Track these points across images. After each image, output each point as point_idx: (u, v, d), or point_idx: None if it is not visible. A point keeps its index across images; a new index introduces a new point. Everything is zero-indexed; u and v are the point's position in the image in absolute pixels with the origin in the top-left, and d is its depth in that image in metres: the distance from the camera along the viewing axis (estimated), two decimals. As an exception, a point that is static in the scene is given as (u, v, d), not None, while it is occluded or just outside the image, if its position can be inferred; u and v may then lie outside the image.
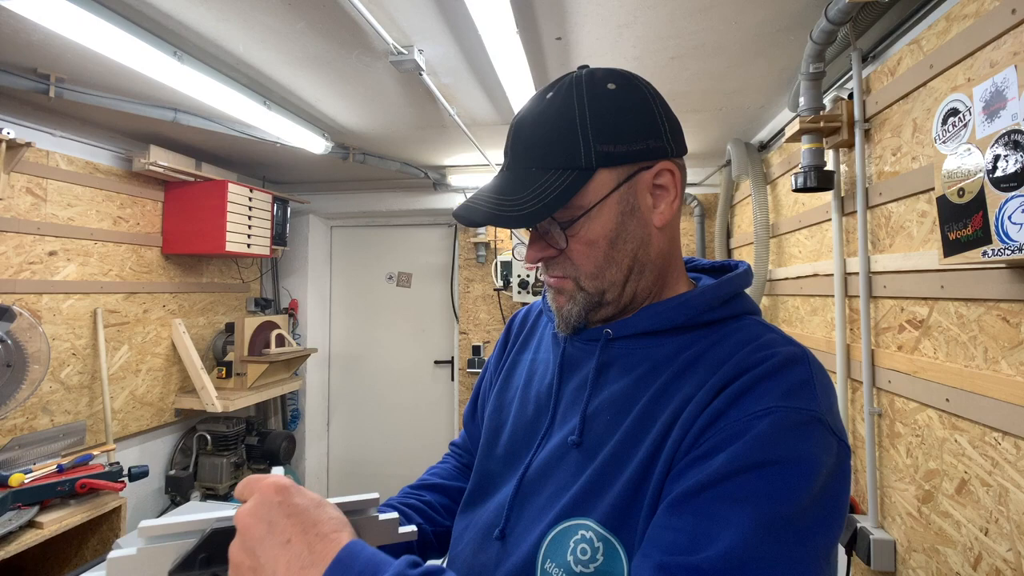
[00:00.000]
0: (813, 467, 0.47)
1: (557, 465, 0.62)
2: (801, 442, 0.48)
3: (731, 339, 0.58)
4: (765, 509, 0.45)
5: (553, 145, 0.59)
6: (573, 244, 0.60)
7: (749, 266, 0.67)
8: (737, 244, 2.82)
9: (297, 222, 3.54)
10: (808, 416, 0.50)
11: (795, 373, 0.53)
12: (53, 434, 2.02)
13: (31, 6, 1.29)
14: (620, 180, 0.59)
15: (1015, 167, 0.86)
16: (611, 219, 0.60)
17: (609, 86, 0.61)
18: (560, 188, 0.57)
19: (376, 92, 1.99)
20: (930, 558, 1.23)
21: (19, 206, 2.05)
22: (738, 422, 0.50)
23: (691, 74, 1.84)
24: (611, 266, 0.61)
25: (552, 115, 0.59)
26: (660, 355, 0.60)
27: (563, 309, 0.64)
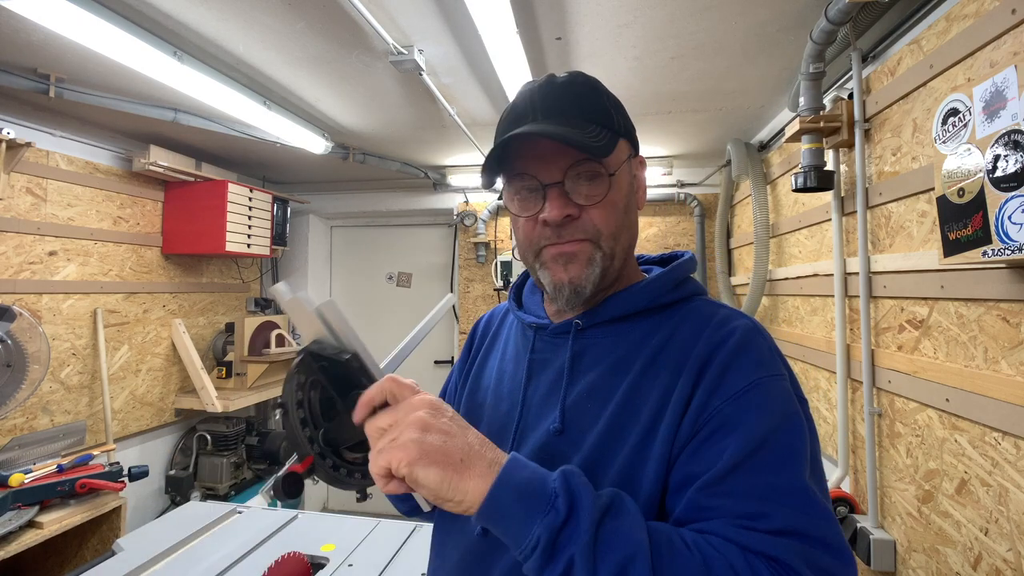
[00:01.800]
0: (801, 422, 0.57)
1: (543, 452, 0.63)
2: (787, 403, 0.57)
3: (691, 320, 0.64)
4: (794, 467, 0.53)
5: (594, 105, 0.63)
6: (599, 206, 0.62)
7: (692, 254, 0.72)
8: (737, 244, 2.82)
9: (297, 222, 3.54)
10: (782, 381, 0.58)
11: (758, 344, 0.60)
12: (53, 434, 2.02)
13: (31, 6, 1.29)
14: (629, 154, 0.66)
15: (1015, 167, 0.86)
16: (625, 186, 0.65)
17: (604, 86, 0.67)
18: (605, 140, 0.61)
19: (376, 92, 1.99)
20: (930, 558, 1.23)
21: (19, 206, 2.05)
22: (733, 398, 0.56)
23: (691, 74, 1.84)
24: (624, 231, 0.65)
25: (582, 85, 0.64)
26: (629, 341, 0.64)
27: (578, 279, 0.63)
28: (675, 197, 3.11)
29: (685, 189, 3.11)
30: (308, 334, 0.62)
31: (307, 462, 0.60)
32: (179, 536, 1.41)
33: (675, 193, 3.11)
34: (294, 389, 0.60)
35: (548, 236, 0.64)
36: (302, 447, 0.59)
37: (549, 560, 0.46)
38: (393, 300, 3.73)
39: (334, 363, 0.59)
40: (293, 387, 0.60)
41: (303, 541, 1.38)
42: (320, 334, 0.61)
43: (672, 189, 3.12)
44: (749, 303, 2.35)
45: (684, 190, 3.11)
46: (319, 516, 1.56)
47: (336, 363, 0.59)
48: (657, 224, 3.19)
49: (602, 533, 0.47)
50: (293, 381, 0.60)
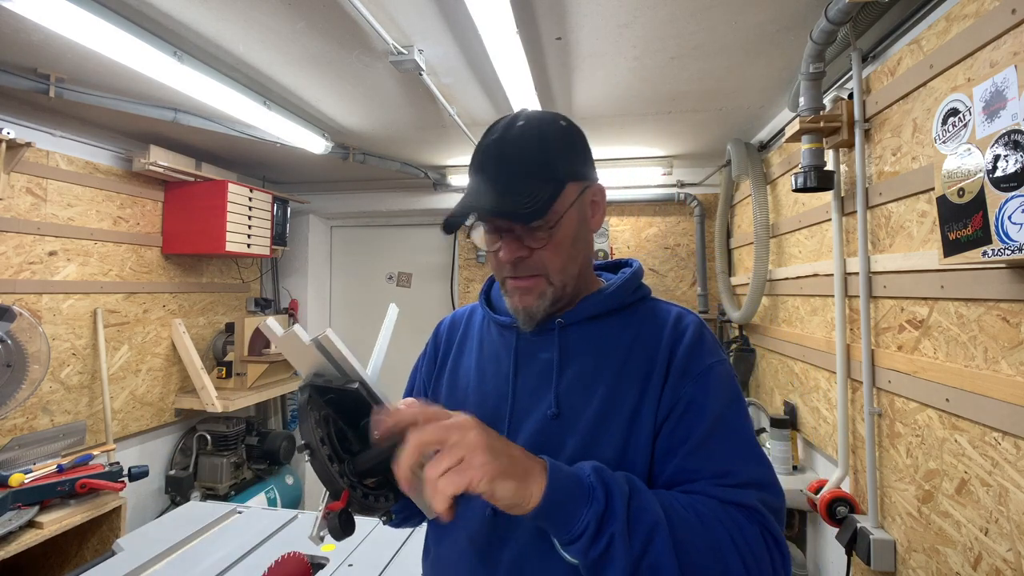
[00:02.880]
0: (739, 390, 0.74)
1: (540, 438, 0.72)
2: (732, 382, 0.73)
3: (652, 318, 0.77)
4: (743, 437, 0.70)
5: (538, 160, 0.71)
6: (548, 246, 0.72)
7: (639, 263, 0.85)
8: (737, 244, 2.82)
9: (297, 222, 3.54)
10: (726, 364, 0.74)
11: (705, 335, 0.75)
12: (53, 434, 2.02)
13: (31, 6, 1.29)
14: (578, 193, 0.74)
15: (1015, 167, 0.86)
16: (574, 224, 0.74)
17: (561, 122, 0.76)
18: (547, 194, 0.69)
19: (376, 92, 1.99)
20: (930, 558, 1.23)
21: (19, 206, 2.05)
22: (697, 377, 0.71)
23: (691, 74, 1.84)
24: (571, 263, 0.75)
25: (532, 137, 0.72)
26: (606, 335, 0.77)
27: (531, 307, 0.75)
28: (675, 197, 3.11)
29: (685, 189, 3.11)
30: (306, 366, 0.61)
31: (344, 496, 0.60)
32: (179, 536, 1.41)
33: (675, 193, 3.11)
34: (313, 427, 0.60)
35: (507, 270, 0.75)
36: (336, 483, 0.60)
37: (595, 540, 0.57)
38: (393, 300, 3.72)
39: (343, 394, 0.59)
40: (311, 426, 0.60)
41: (303, 541, 1.38)
42: (319, 365, 0.60)
43: (672, 189, 3.12)
44: (749, 303, 2.35)
45: (684, 190, 3.11)
46: (319, 516, 1.56)
47: (345, 394, 0.59)
48: (657, 224, 3.19)
49: (632, 511, 0.58)
50: (310, 420, 0.60)
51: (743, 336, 2.68)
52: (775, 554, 0.63)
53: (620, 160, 3.00)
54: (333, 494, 0.61)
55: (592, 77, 1.86)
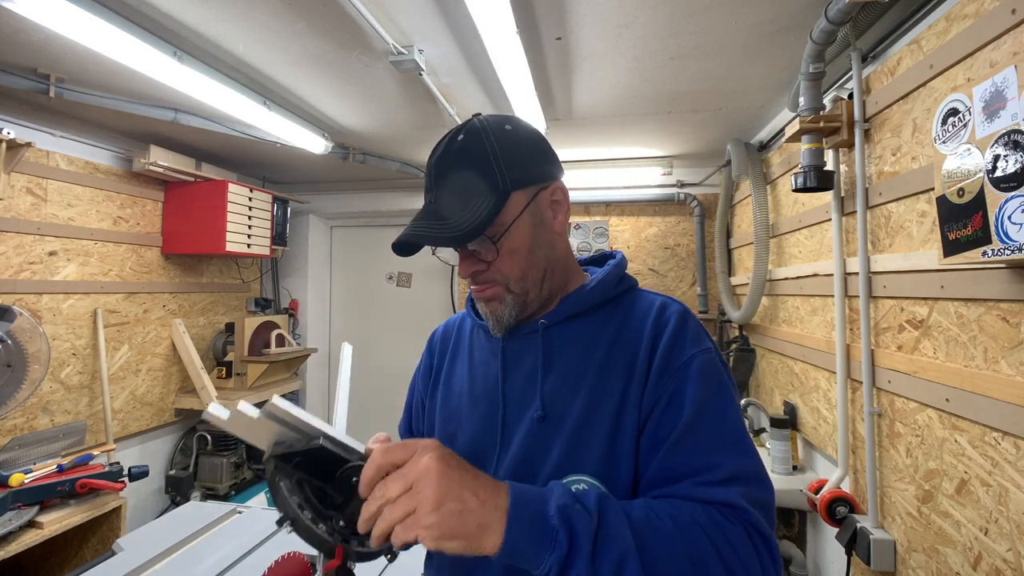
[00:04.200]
0: (729, 384, 0.72)
1: (530, 441, 0.73)
2: (717, 371, 0.71)
3: (636, 309, 0.77)
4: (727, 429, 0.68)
5: (476, 175, 0.71)
6: (501, 255, 0.72)
7: (623, 254, 0.85)
8: (737, 244, 2.82)
9: (297, 222, 3.54)
10: (710, 353, 0.72)
11: (689, 324, 0.74)
12: (53, 434, 2.02)
13: (32, 6, 1.29)
14: (529, 199, 0.74)
15: (1015, 167, 0.86)
16: (527, 231, 0.74)
17: (506, 127, 0.74)
18: (487, 209, 0.69)
19: (376, 92, 1.99)
20: (930, 558, 1.23)
21: (19, 206, 2.05)
22: (678, 371, 0.70)
23: (691, 74, 1.84)
24: (531, 268, 0.75)
25: (470, 152, 0.72)
26: (590, 332, 0.76)
27: (496, 313, 0.76)
28: (675, 197, 3.11)
29: (685, 189, 3.11)
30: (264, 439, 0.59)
31: (339, 552, 0.60)
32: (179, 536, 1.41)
33: (675, 193, 3.11)
34: (287, 497, 0.59)
35: (470, 281, 0.77)
36: (327, 543, 0.59)
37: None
38: (393, 300, 3.73)
39: (309, 454, 0.58)
40: (285, 496, 0.59)
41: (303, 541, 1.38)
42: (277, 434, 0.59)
43: (672, 189, 3.12)
44: (749, 303, 2.35)
45: (684, 190, 3.11)
46: (319, 516, 1.56)
47: (311, 453, 0.58)
48: (657, 224, 3.19)
49: (598, 546, 0.57)
50: (281, 490, 0.59)
51: (743, 336, 2.68)
52: (762, 551, 0.62)
53: (620, 160, 3.00)
54: (327, 554, 0.60)
55: (592, 77, 1.86)
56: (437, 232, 0.69)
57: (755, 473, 0.66)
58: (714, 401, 0.68)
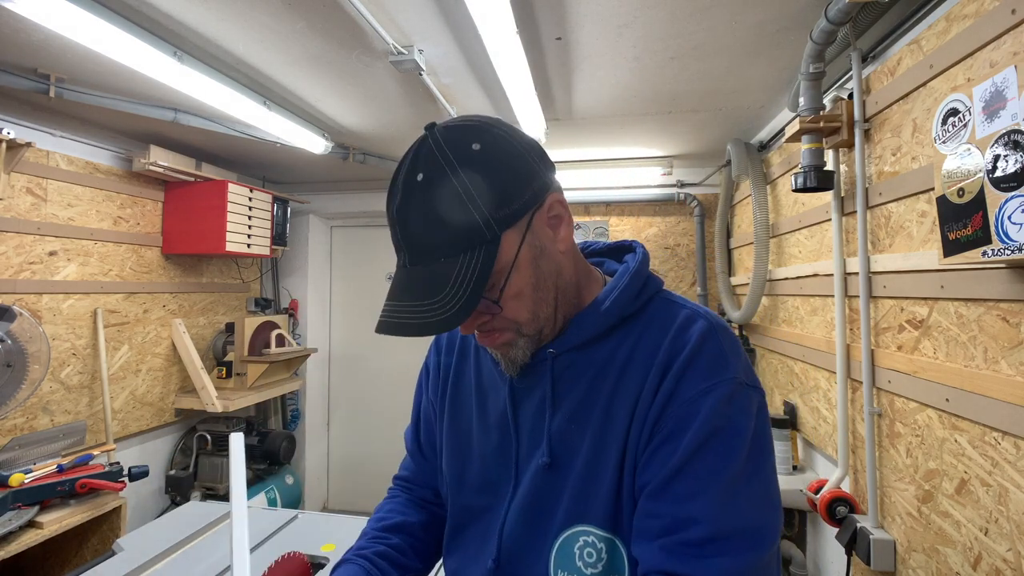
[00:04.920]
0: (745, 423, 0.59)
1: (538, 488, 0.66)
2: (731, 408, 0.59)
3: (653, 326, 0.66)
4: (723, 476, 0.56)
5: (453, 231, 0.57)
6: (504, 304, 0.62)
7: (642, 246, 0.72)
8: (737, 244, 2.82)
9: (297, 222, 3.54)
10: (730, 385, 0.59)
11: (710, 348, 0.62)
12: (53, 434, 2.02)
13: (31, 6, 1.29)
14: (523, 232, 0.61)
15: (1015, 167, 0.86)
16: (528, 269, 0.62)
17: (474, 147, 0.59)
18: (478, 268, 0.57)
19: (376, 92, 1.99)
20: (930, 558, 1.23)
21: (19, 206, 2.05)
22: (682, 406, 0.59)
23: (691, 74, 1.84)
24: (541, 306, 0.64)
25: (439, 201, 0.57)
26: (601, 357, 0.66)
27: (509, 355, 0.66)
28: (675, 197, 3.11)
29: (685, 189, 3.11)
30: None
31: None
32: (179, 536, 1.41)
33: (675, 193, 3.11)
34: None
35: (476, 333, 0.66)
36: None
37: None
38: (393, 300, 3.72)
39: None
40: None
41: (303, 541, 1.38)
42: None
43: (672, 189, 3.12)
44: (749, 303, 2.35)
45: (684, 190, 3.11)
46: (319, 516, 1.56)
47: None
48: (657, 224, 3.19)
49: None
50: None
51: (743, 336, 2.68)
52: None
53: (620, 160, 3.00)
54: None
55: (592, 77, 1.86)
56: (424, 316, 0.56)
57: (743, 531, 0.55)
58: (717, 441, 0.57)
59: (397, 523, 0.83)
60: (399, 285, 0.60)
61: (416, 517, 0.84)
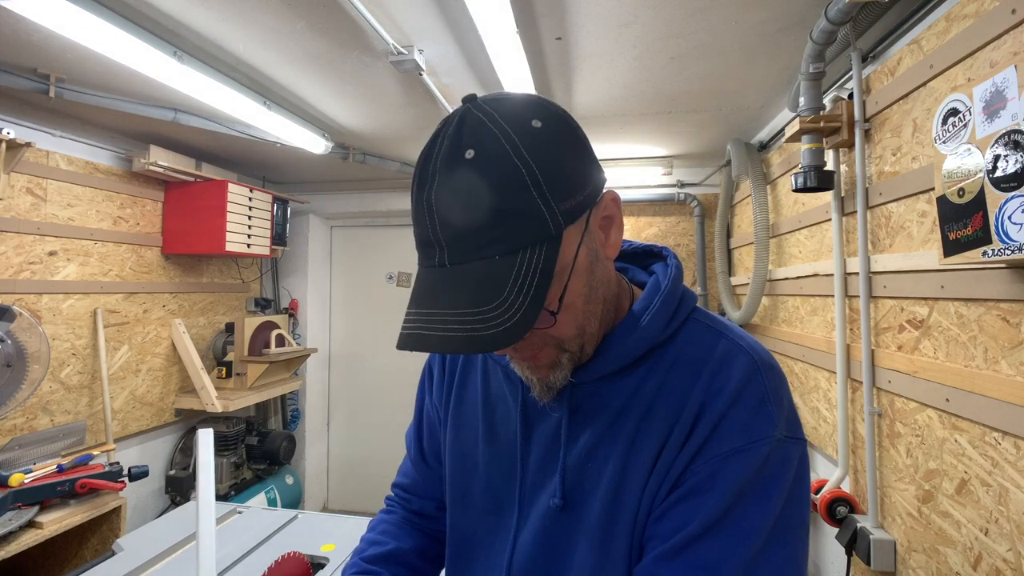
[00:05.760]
0: (777, 488, 0.51)
1: (548, 530, 0.59)
2: (764, 473, 0.51)
3: (686, 357, 0.57)
4: (744, 549, 0.49)
5: (510, 219, 0.46)
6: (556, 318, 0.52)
7: (675, 256, 0.63)
8: (737, 244, 2.82)
9: (297, 222, 3.54)
10: (768, 445, 0.51)
11: (751, 394, 0.53)
12: (53, 434, 2.02)
13: (31, 6, 1.29)
14: (583, 231, 0.52)
15: (1015, 167, 0.86)
16: (583, 276, 0.53)
17: (535, 124, 0.49)
18: (539, 270, 0.47)
19: (376, 92, 1.99)
20: (930, 558, 1.23)
21: (19, 206, 2.05)
22: (709, 463, 0.52)
23: (691, 74, 1.84)
24: (589, 320, 0.55)
25: (494, 181, 0.46)
26: (625, 392, 0.58)
27: (547, 379, 0.57)
28: (675, 197, 3.11)
29: (685, 189, 3.11)
30: None
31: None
32: (179, 536, 1.41)
33: (675, 193, 3.11)
34: None
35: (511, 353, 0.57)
36: None
37: None
38: (393, 300, 3.73)
39: None
40: None
41: (303, 541, 1.38)
42: None
43: (672, 189, 3.12)
44: (749, 303, 2.35)
45: (684, 190, 3.11)
46: (319, 516, 1.56)
47: None
48: (657, 224, 3.19)
49: None
50: None
51: (743, 336, 2.68)
52: None
53: (620, 160, 3.00)
54: None
55: (592, 77, 1.86)
56: (476, 328, 0.45)
57: None
58: (742, 509, 0.50)
59: (387, 552, 0.74)
60: (432, 289, 0.49)
61: (410, 542, 0.77)
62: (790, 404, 0.55)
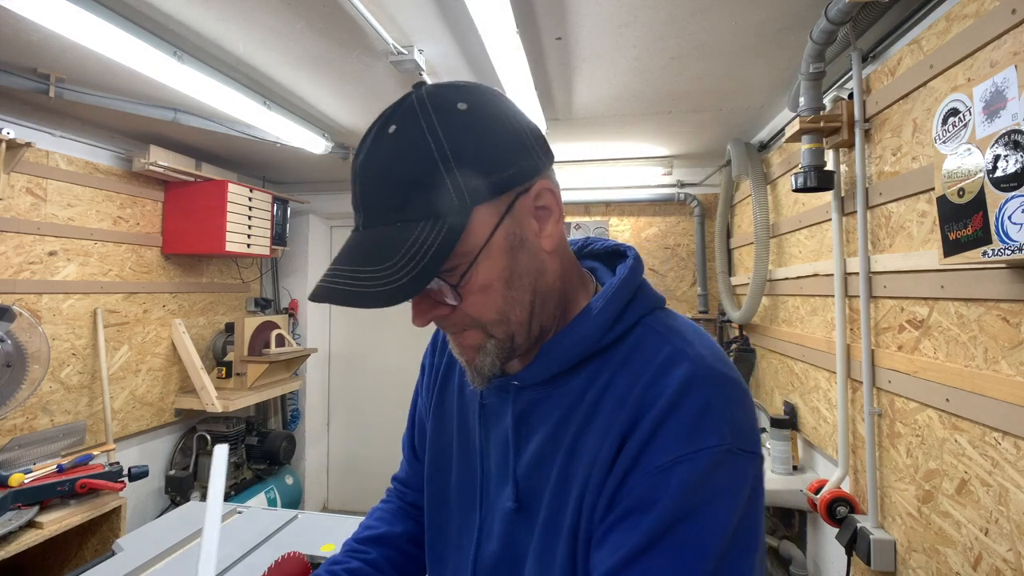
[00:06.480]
0: (726, 507, 0.47)
1: (508, 534, 0.60)
2: (710, 486, 0.48)
3: (631, 364, 0.55)
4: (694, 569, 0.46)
5: (415, 190, 0.49)
6: (466, 297, 0.52)
7: (636, 253, 0.62)
8: (737, 244, 2.82)
9: (297, 222, 3.54)
10: (716, 454, 0.48)
11: (692, 402, 0.50)
12: (53, 434, 2.02)
13: (31, 6, 1.29)
14: (502, 213, 0.52)
15: (1015, 167, 0.86)
16: (501, 258, 0.52)
17: (460, 106, 0.51)
18: (437, 242, 0.48)
19: (376, 92, 1.99)
20: (930, 558, 1.23)
21: (19, 206, 2.05)
22: (647, 477, 0.49)
23: (691, 74, 1.84)
24: (513, 307, 0.54)
25: (404, 153, 0.49)
26: (569, 397, 0.57)
27: (475, 362, 0.57)
28: (675, 197, 3.11)
29: (685, 189, 3.11)
30: None
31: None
32: (179, 536, 1.41)
33: (675, 193, 3.11)
34: None
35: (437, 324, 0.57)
36: None
37: None
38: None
39: None
40: None
41: (303, 541, 1.38)
42: None
43: (672, 189, 3.12)
44: (749, 303, 2.36)
45: (684, 190, 3.11)
46: (319, 516, 1.56)
47: None
48: (657, 224, 3.19)
49: None
50: None
51: (743, 336, 2.68)
52: None
53: (620, 160, 3.00)
54: None
55: (592, 77, 1.86)
56: (363, 285, 0.48)
57: None
58: (686, 529, 0.46)
59: (379, 535, 0.79)
60: (346, 249, 0.52)
61: (402, 527, 0.80)
62: (745, 416, 0.52)
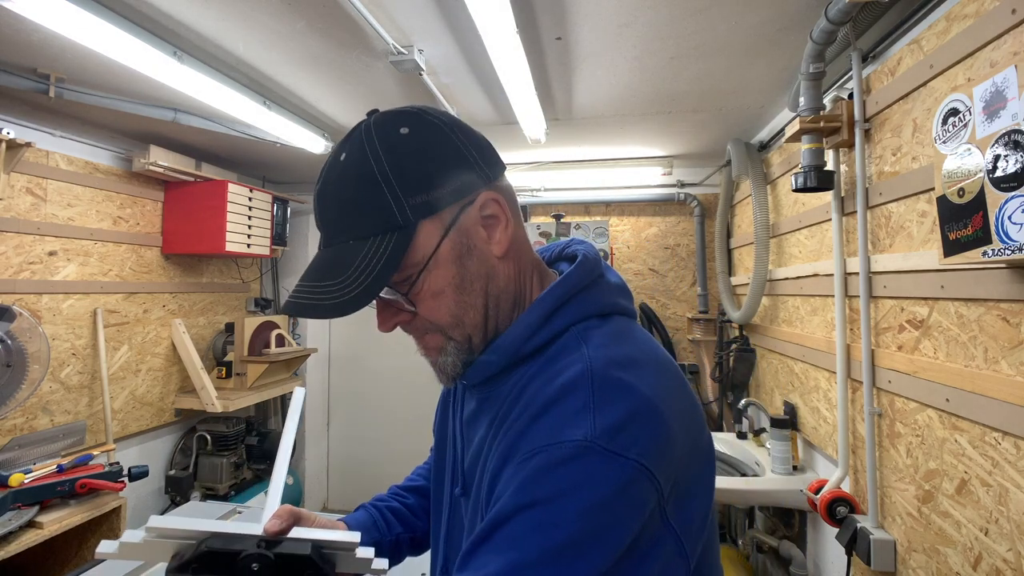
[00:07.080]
0: (575, 504, 0.45)
1: (453, 520, 0.66)
2: (561, 480, 0.46)
3: (552, 366, 0.56)
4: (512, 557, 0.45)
5: (362, 211, 0.55)
6: (420, 304, 0.58)
7: (585, 257, 0.62)
8: (737, 244, 2.82)
9: (297, 222, 3.54)
10: (575, 448, 0.47)
11: (570, 402, 0.50)
12: (53, 434, 2.02)
13: (31, 6, 1.29)
14: (446, 226, 0.56)
15: (1015, 167, 0.86)
16: (450, 267, 0.57)
17: (402, 131, 0.57)
18: (385, 255, 0.54)
19: (376, 92, 1.99)
20: (930, 558, 1.23)
21: (19, 206, 2.05)
22: (511, 468, 0.50)
23: (691, 74, 1.84)
24: (467, 310, 0.58)
25: (352, 178, 0.55)
26: (500, 397, 0.59)
27: (438, 362, 0.61)
28: (675, 197, 3.11)
29: (685, 189, 3.11)
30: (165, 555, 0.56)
31: None
32: (179, 536, 1.41)
33: (675, 193, 3.11)
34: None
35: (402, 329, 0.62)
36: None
37: None
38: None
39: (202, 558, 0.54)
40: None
41: (303, 541, 1.38)
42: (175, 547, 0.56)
43: (672, 189, 3.12)
44: (749, 303, 2.35)
45: (684, 190, 3.11)
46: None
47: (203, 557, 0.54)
48: (657, 224, 3.19)
49: None
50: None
51: (743, 336, 2.68)
52: None
53: (620, 160, 3.00)
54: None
55: (592, 77, 1.86)
56: (320, 298, 0.53)
57: None
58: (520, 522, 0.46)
59: (418, 486, 0.86)
60: (311, 266, 0.58)
61: None
62: (633, 423, 0.48)
